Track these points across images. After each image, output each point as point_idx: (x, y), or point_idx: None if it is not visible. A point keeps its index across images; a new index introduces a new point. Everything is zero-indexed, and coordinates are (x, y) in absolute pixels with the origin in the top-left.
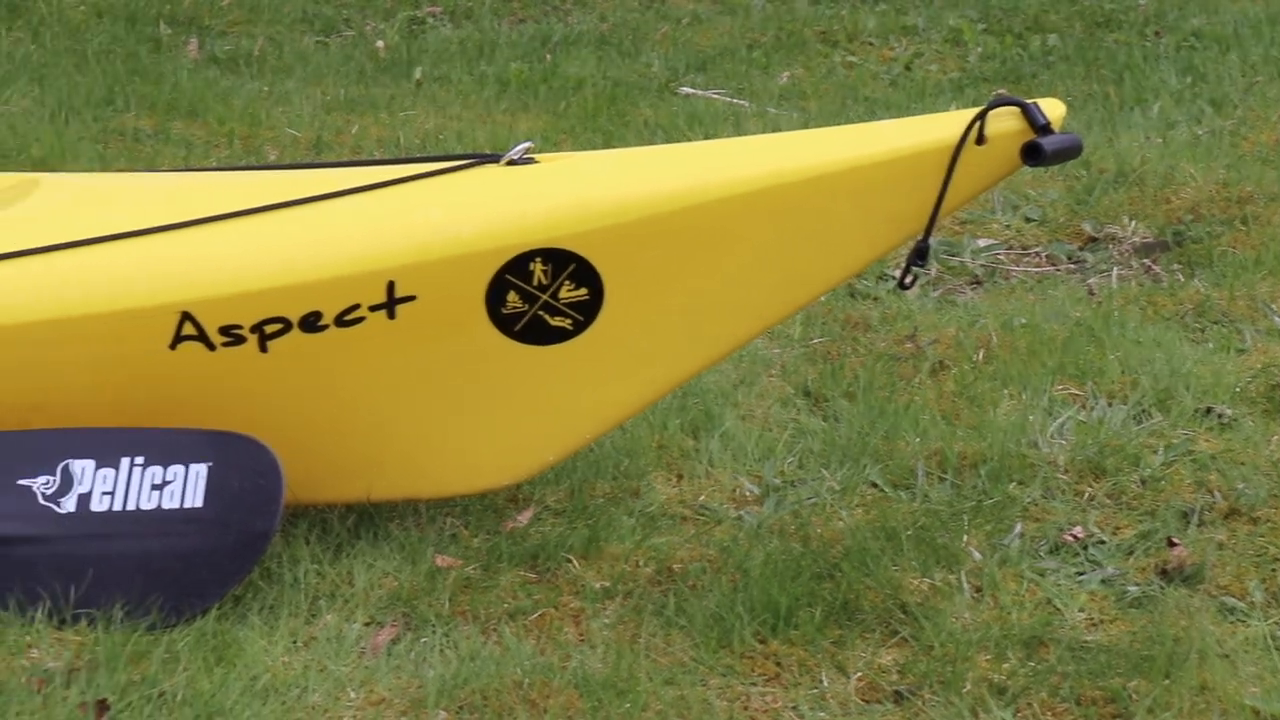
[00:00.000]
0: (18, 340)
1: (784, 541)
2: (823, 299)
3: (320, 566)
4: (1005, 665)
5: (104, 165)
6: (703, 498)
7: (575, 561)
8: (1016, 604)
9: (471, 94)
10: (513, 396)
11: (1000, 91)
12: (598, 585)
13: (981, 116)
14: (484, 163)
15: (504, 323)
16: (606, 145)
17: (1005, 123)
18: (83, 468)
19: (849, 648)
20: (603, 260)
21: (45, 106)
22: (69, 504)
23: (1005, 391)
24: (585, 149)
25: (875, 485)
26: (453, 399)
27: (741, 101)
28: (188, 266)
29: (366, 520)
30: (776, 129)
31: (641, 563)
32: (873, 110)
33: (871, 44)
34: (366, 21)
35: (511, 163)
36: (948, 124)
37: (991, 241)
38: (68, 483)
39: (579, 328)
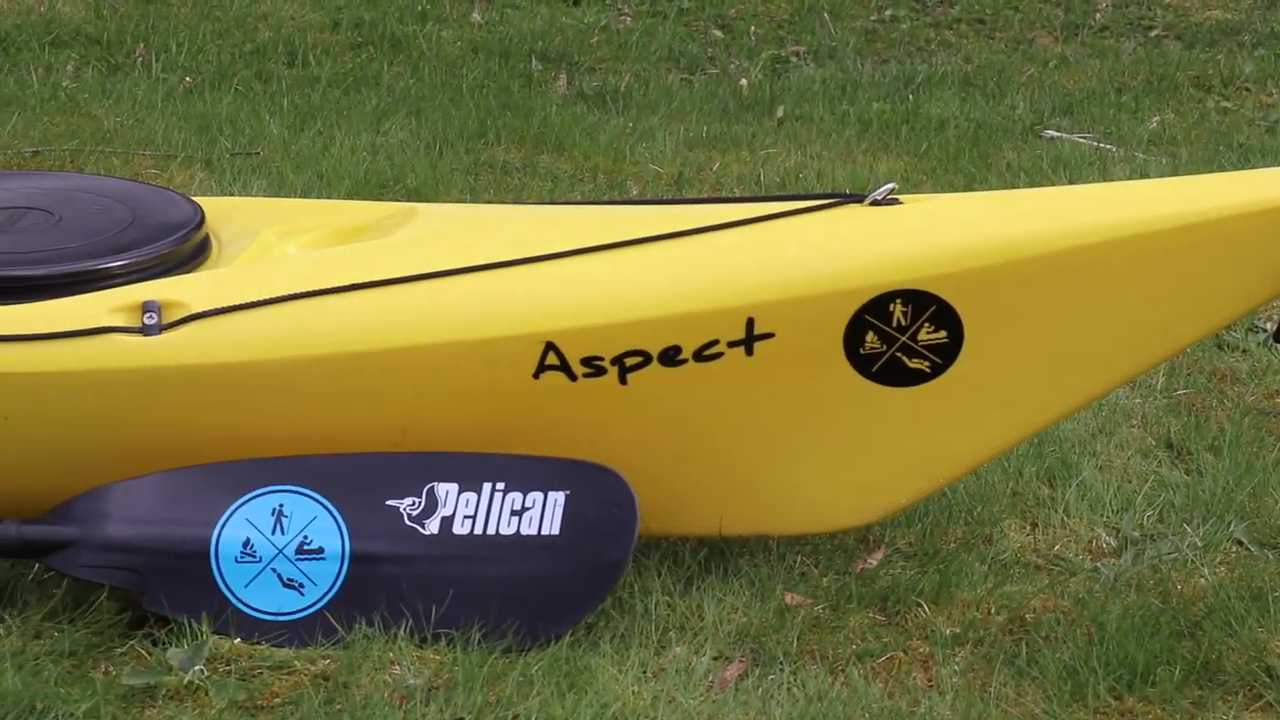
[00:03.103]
0: (392, 364)
1: (1142, 596)
2: (1189, 349)
3: (671, 598)
4: None
5: (474, 196)
6: (1057, 547)
7: (925, 606)
8: None
9: (832, 133)
10: (867, 437)
11: None
12: (948, 631)
13: None
14: (846, 202)
15: (861, 363)
16: (968, 187)
17: None
18: (446, 491)
19: (1209, 709)
20: (964, 303)
21: (421, 139)
22: (433, 526)
23: None
24: (946, 190)
25: (1240, 543)
26: (806, 437)
27: (1109, 146)
28: (553, 297)
29: (717, 554)
30: (1145, 175)
31: (993, 610)
32: (1247, 158)
33: (1248, 89)
34: (731, 60)
35: (875, 203)
36: None
37: None
38: (432, 505)
39: (937, 370)
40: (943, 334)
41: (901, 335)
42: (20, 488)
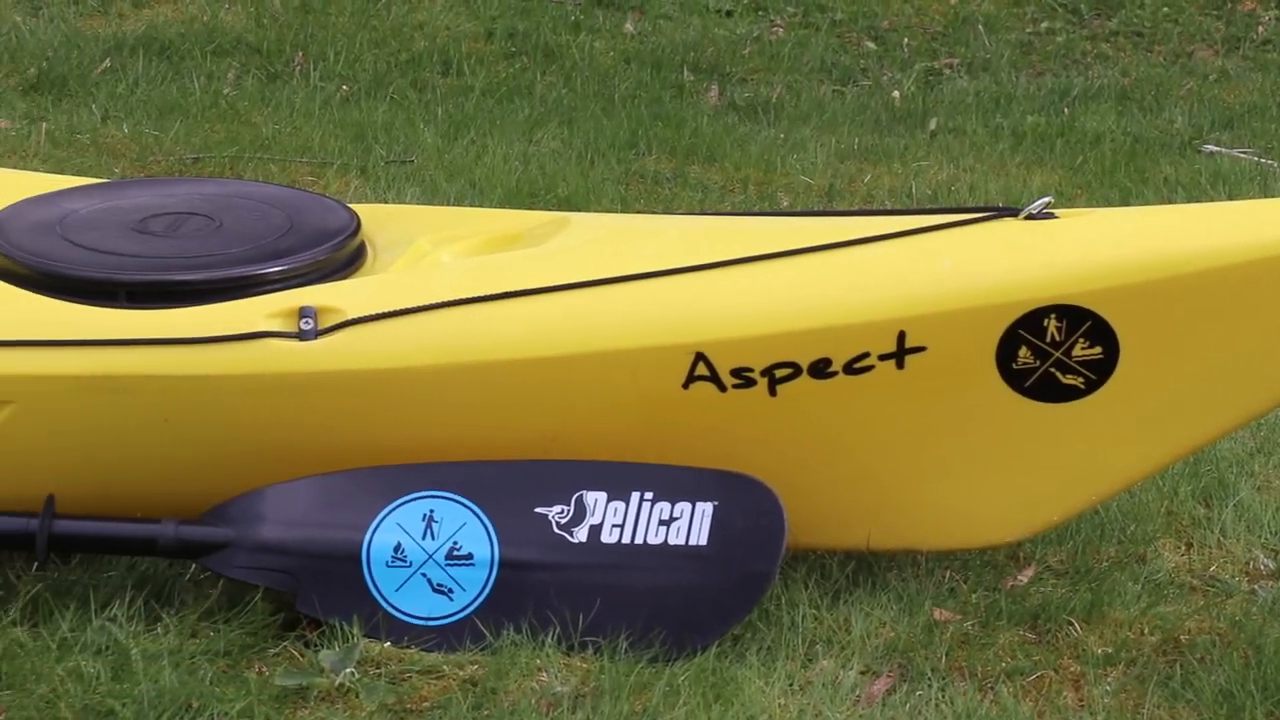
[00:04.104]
0: (543, 372)
1: None
2: None
3: (818, 611)
4: None
5: (625, 206)
6: (1213, 568)
7: (1077, 625)
8: None
9: (985, 146)
10: (1018, 453)
11: None
12: (1100, 651)
13: None
14: (1001, 216)
15: (1013, 378)
16: (1124, 202)
17: None
18: (595, 500)
19: None
20: (1120, 319)
21: (573, 148)
22: (581, 534)
23: None
24: (1101, 205)
25: None
26: (957, 452)
27: (1270, 161)
28: (703, 308)
29: (865, 568)
30: None
31: (1146, 631)
32: None
33: None
34: (884, 71)
35: (1030, 217)
36: None
37: None
38: (580, 513)
39: (1091, 387)
40: (1098, 350)
41: (1055, 351)
42: (178, 489)
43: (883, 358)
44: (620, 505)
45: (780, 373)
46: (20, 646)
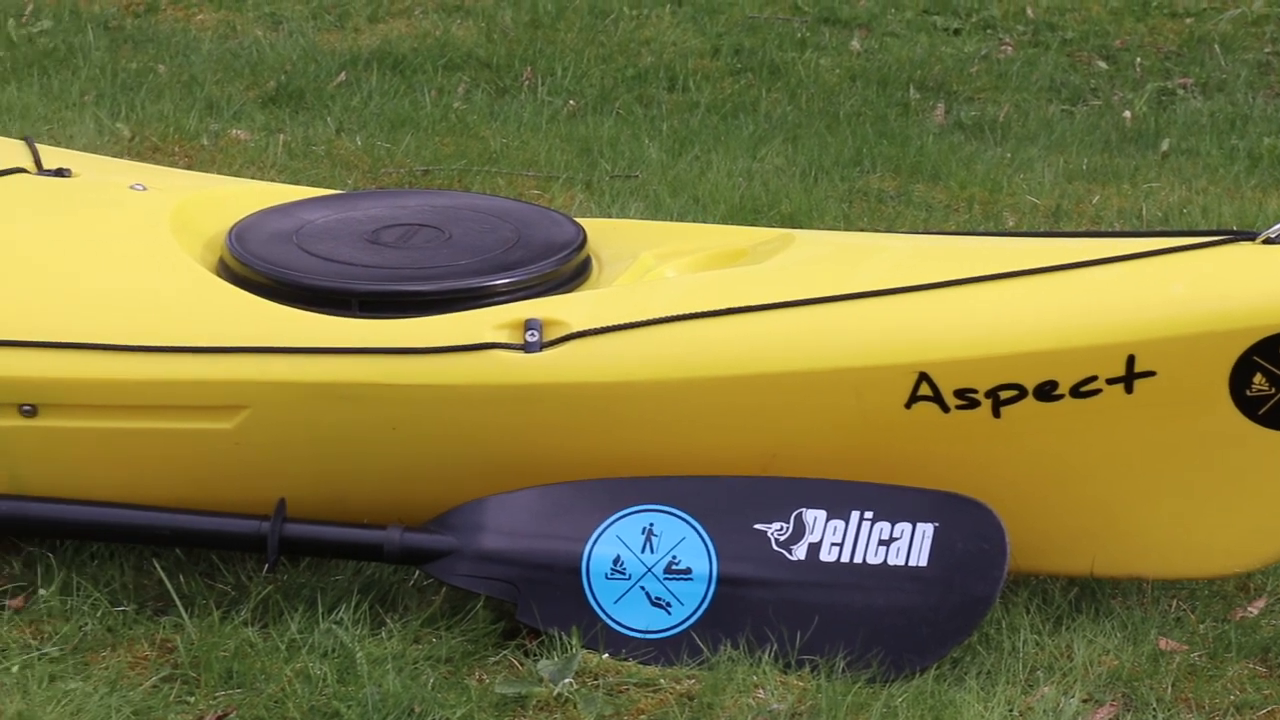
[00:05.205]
0: (765, 389)
1: None
2: None
3: (1039, 637)
4: None
5: (848, 224)
6: None
7: None
8: None
9: (1219, 168)
10: (1250, 481)
11: None
12: None
13: None
14: (1237, 240)
15: (1247, 405)
16: None
17: None
18: (814, 518)
19: None
20: None
21: (796, 165)
22: (799, 552)
23: None
24: None
25: None
26: (1185, 479)
27: None
28: (928, 328)
29: (1088, 594)
30: None
31: None
32: None
33: None
34: (1115, 91)
35: (1268, 241)
36: None
37: None
38: (799, 531)
39: None
40: None
41: None
42: (403, 496)
43: (1111, 381)
44: (840, 524)
45: (1005, 394)
46: (251, 646)
